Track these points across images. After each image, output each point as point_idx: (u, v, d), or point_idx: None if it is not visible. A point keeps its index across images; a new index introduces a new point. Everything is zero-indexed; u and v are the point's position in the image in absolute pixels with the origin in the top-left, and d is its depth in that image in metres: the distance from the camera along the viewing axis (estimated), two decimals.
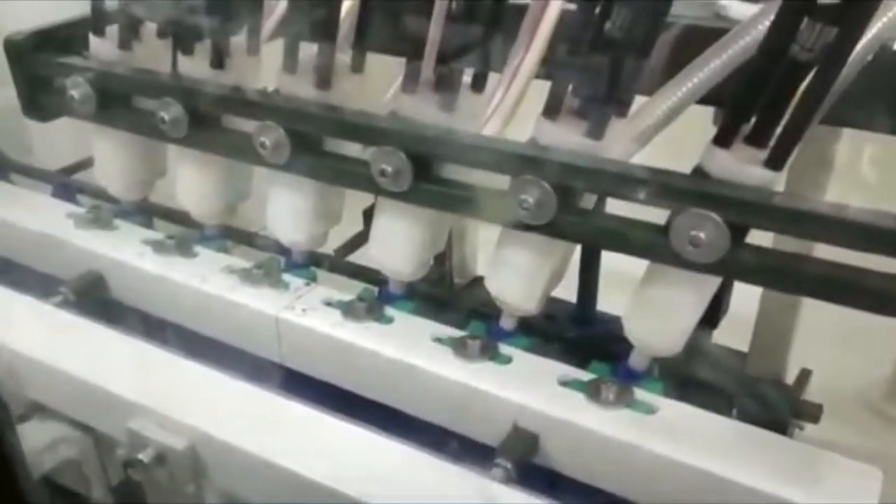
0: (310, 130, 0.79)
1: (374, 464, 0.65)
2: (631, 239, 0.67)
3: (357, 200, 1.16)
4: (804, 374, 0.92)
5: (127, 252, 0.92)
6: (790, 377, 0.93)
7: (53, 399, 0.79)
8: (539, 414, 0.70)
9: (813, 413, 0.82)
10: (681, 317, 0.69)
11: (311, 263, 0.93)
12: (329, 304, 0.83)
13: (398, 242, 0.81)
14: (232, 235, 1.01)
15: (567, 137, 0.66)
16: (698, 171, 0.64)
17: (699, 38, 0.70)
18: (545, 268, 0.74)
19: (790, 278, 0.63)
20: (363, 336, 0.79)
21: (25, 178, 1.22)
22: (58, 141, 1.30)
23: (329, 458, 0.65)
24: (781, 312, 1.12)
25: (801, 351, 1.06)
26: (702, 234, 0.60)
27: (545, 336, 0.86)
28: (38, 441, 0.75)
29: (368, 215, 1.24)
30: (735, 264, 0.63)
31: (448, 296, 1.09)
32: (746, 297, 1.04)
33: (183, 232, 0.97)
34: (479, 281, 1.38)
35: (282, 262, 0.90)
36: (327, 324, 0.80)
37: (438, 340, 0.78)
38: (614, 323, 0.76)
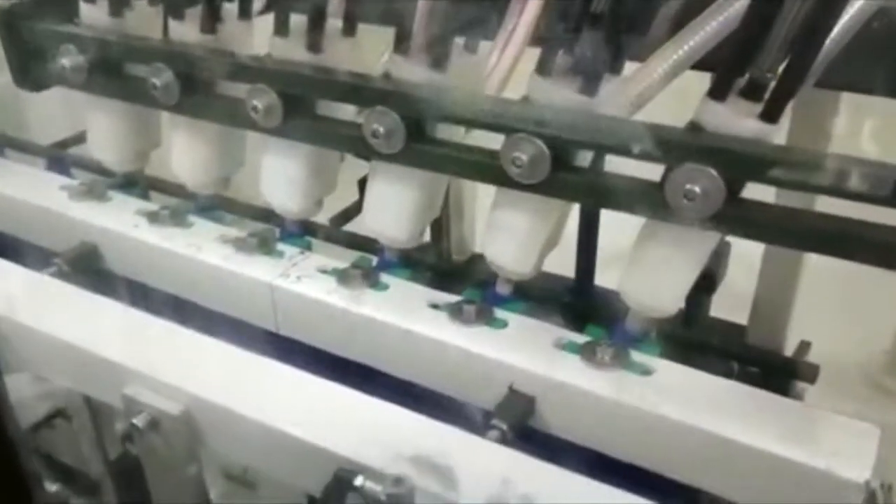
0: (302, 92, 0.77)
1: (369, 425, 0.65)
2: (626, 195, 0.66)
3: (353, 171, 1.17)
4: (803, 347, 0.91)
5: (121, 223, 0.92)
6: (789, 352, 0.93)
7: (48, 367, 0.78)
8: (535, 376, 0.70)
9: (809, 374, 0.80)
10: (677, 275, 0.68)
11: (306, 233, 0.92)
12: (324, 271, 0.83)
13: (392, 208, 0.81)
14: (228, 206, 1.01)
15: (560, 94, 0.65)
16: (693, 126, 0.63)
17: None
18: (541, 229, 0.73)
19: (788, 233, 0.62)
20: (359, 302, 0.78)
21: (19, 153, 1.22)
22: (53, 117, 1.30)
23: (323, 420, 0.65)
24: (780, 285, 1.12)
25: (800, 325, 1.06)
26: (697, 188, 0.59)
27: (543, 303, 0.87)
28: (25, 391, 0.75)
29: (364, 185, 1.25)
30: (731, 219, 0.61)
31: (446, 269, 1.09)
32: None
33: (178, 203, 0.96)
34: (476, 258, 1.38)
35: (276, 232, 0.90)
36: (323, 291, 0.80)
37: (434, 306, 0.78)
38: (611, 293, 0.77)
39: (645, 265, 0.70)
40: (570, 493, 0.59)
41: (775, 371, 0.85)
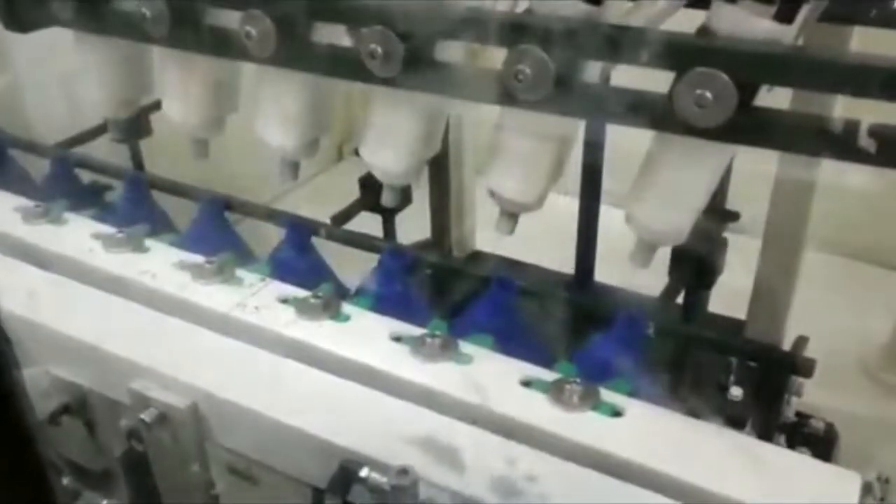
0: (296, 14, 0.71)
1: (373, 417, 0.65)
2: (634, 108, 0.60)
3: (354, 170, 1.14)
4: (801, 341, 0.91)
5: (75, 248, 0.86)
6: (787, 347, 0.91)
7: (58, 363, 0.77)
8: (500, 417, 0.65)
9: (806, 368, 0.80)
10: (687, 194, 0.64)
11: (309, 233, 0.90)
12: (284, 300, 0.79)
13: (390, 139, 0.75)
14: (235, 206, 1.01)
15: (562, 3, 0.61)
16: (703, 30, 0.58)
17: None
18: (545, 153, 0.68)
19: (802, 138, 0.57)
20: (317, 336, 0.74)
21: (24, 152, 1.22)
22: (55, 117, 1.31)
23: (329, 413, 0.66)
24: (779, 280, 1.09)
25: (798, 320, 1.03)
26: (708, 94, 0.55)
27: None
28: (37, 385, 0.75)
29: (365, 183, 1.23)
30: (743, 127, 0.57)
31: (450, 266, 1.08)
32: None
33: (136, 227, 0.92)
34: (477, 255, 1.46)
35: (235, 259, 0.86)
36: (280, 323, 0.76)
37: (397, 339, 0.74)
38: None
39: (653, 186, 0.64)
40: (571, 474, 0.60)
41: (772, 365, 0.84)
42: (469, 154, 1.38)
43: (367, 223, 1.22)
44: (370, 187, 1.22)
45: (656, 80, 0.59)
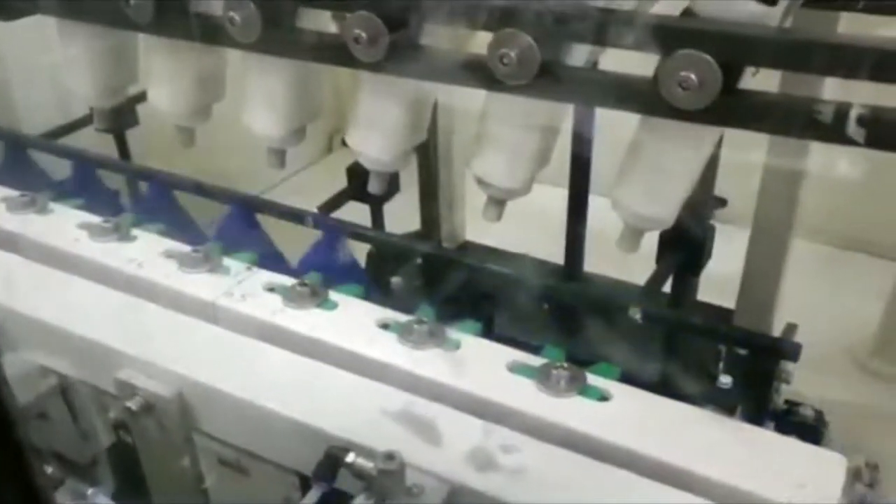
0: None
1: (358, 403, 0.65)
2: (618, 91, 0.60)
3: (342, 159, 1.13)
4: (790, 328, 0.91)
5: (60, 238, 0.86)
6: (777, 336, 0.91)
7: (43, 352, 0.77)
8: (486, 403, 0.66)
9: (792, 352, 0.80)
10: (672, 179, 0.64)
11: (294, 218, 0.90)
12: (271, 289, 0.79)
13: (376, 126, 0.75)
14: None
15: None
16: (687, 13, 0.58)
17: None
18: (531, 138, 0.68)
19: (788, 121, 0.57)
20: (304, 323, 0.74)
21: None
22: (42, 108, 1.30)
23: (314, 400, 0.66)
24: (767, 268, 1.09)
25: (788, 309, 1.04)
26: (692, 76, 0.55)
27: None
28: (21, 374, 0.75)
29: (353, 173, 1.22)
30: (728, 109, 0.56)
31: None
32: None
33: (122, 216, 0.92)
34: (466, 245, 1.48)
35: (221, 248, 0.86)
36: (268, 311, 0.76)
37: (384, 326, 0.74)
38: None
39: (638, 171, 0.64)
40: (558, 458, 0.61)
41: (760, 351, 0.83)
42: (458, 146, 1.38)
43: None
44: (358, 177, 1.22)
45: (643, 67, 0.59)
